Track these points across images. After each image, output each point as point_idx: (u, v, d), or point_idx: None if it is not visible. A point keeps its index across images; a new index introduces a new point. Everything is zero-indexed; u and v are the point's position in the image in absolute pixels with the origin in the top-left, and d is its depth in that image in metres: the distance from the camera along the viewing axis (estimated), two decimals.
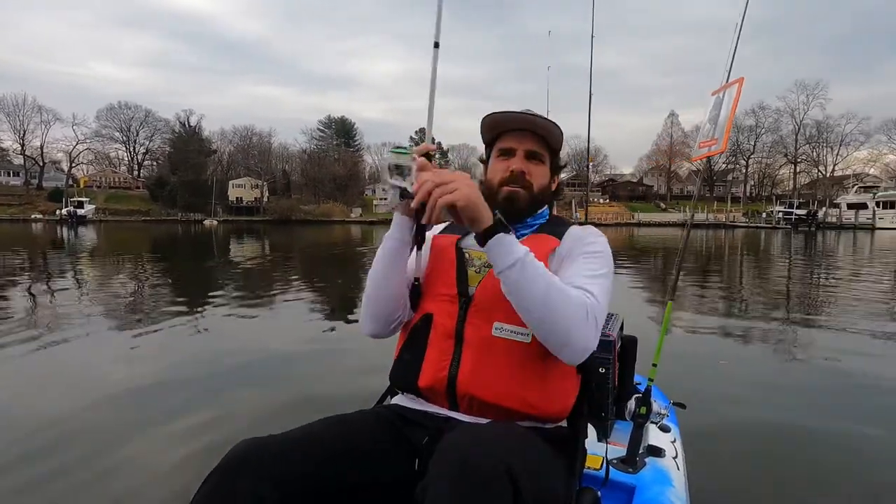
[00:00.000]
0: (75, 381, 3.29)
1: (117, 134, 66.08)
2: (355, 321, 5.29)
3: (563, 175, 1.34)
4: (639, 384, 1.59)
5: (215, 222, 48.75)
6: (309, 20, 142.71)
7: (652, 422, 1.54)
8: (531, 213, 1.16)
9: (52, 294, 6.91)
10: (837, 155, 59.76)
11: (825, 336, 4.76)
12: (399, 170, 0.98)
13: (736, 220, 47.73)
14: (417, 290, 1.12)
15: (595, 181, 65.34)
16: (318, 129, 72.77)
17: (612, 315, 1.47)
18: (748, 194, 62.84)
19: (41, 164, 61.10)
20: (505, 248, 0.93)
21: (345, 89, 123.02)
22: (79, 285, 7.92)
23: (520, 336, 1.01)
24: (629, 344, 1.40)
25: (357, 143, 74.47)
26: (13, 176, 60.40)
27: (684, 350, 4.08)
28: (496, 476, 0.75)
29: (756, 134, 61.62)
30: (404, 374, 1.08)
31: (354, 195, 66.33)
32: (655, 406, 1.52)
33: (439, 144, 72.78)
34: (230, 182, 63.00)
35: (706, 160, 1.67)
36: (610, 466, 1.38)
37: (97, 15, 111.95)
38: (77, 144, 61.79)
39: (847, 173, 59.80)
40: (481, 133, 1.21)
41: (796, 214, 42.37)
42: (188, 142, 59.83)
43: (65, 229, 32.19)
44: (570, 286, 0.98)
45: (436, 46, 1.13)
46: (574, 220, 1.19)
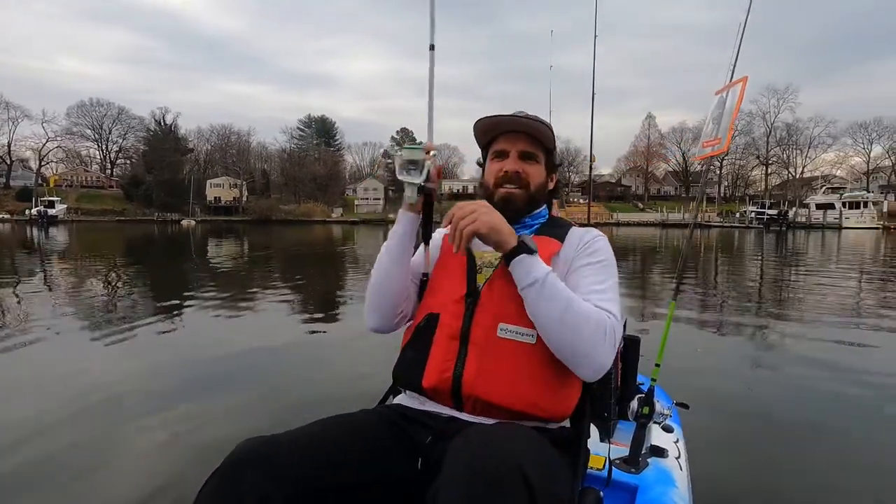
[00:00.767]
0: (45, 385, 3.21)
1: (89, 132, 64.16)
2: (338, 322, 5.32)
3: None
4: (641, 384, 1.59)
5: (193, 222, 47.80)
6: (286, 17, 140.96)
7: (655, 422, 1.52)
8: (529, 213, 1.18)
9: (21, 298, 6.69)
10: (806, 157, 61.75)
11: (822, 334, 4.79)
12: (413, 164, 1.02)
13: (711, 220, 48.95)
14: (425, 286, 1.15)
15: (575, 181, 66.14)
16: (298, 129, 72.06)
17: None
18: (722, 195, 64.41)
19: (8, 163, 58.96)
20: (525, 268, 0.97)
21: (324, 88, 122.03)
22: (50, 288, 7.68)
23: (525, 337, 1.01)
24: (632, 344, 1.41)
25: (338, 143, 73.94)
26: None
27: (684, 349, 4.08)
28: (511, 479, 0.74)
29: (732, 136, 63.19)
30: (408, 373, 1.08)
31: (335, 195, 65.81)
32: (658, 406, 1.51)
33: (420, 144, 72.73)
34: (208, 181, 61.85)
35: (709, 159, 1.83)
36: (613, 466, 1.37)
37: (66, 8, 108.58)
38: (47, 142, 59.85)
39: (816, 175, 61.78)
40: (476, 138, 1.24)
41: (768, 214, 43.75)
42: (164, 140, 58.46)
43: (35, 230, 31.18)
44: (588, 304, 1.00)
45: (431, 49, 1.15)
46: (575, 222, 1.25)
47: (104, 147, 67.00)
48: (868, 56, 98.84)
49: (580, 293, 1.02)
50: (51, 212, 44.98)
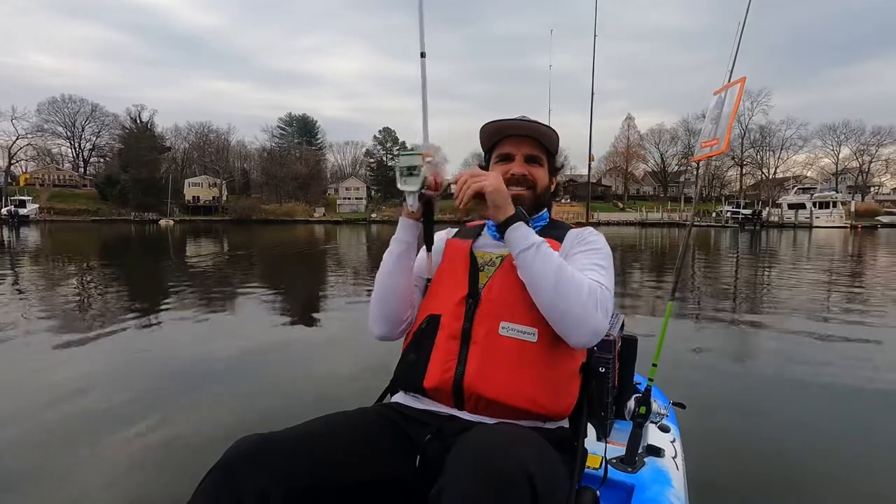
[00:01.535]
0: (13, 388, 3.11)
1: (61, 129, 62.53)
2: (317, 324, 5.19)
3: None
4: (638, 384, 1.59)
5: (171, 222, 46.93)
6: (265, 14, 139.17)
7: (651, 422, 1.53)
8: (533, 214, 1.20)
9: None
10: (779, 158, 63.64)
11: (818, 333, 4.83)
12: (412, 170, 1.02)
13: (688, 219, 49.98)
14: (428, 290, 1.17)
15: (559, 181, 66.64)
16: (279, 127, 71.29)
17: (614, 314, 1.46)
18: (700, 195, 65.91)
19: None
20: (522, 233, 1.01)
21: (305, 86, 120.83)
22: (20, 291, 7.33)
23: (526, 335, 1.02)
24: (629, 343, 1.41)
25: (319, 142, 73.32)
26: None
27: (682, 349, 4.10)
28: (516, 479, 0.75)
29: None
30: (410, 375, 1.08)
31: (317, 194, 65.26)
32: (655, 406, 1.51)
33: (403, 144, 72.64)
34: (186, 180, 60.73)
35: (708, 160, 1.77)
36: (609, 466, 1.38)
37: (37, 1, 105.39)
38: (17, 140, 57.99)
39: (788, 175, 63.72)
40: (480, 141, 1.25)
41: (743, 214, 44.95)
42: (140, 138, 57.19)
43: (5, 230, 30.18)
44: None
45: (422, 56, 1.15)
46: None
47: (77, 145, 65.35)
48: (836, 61, 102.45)
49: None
50: (22, 211, 43.73)
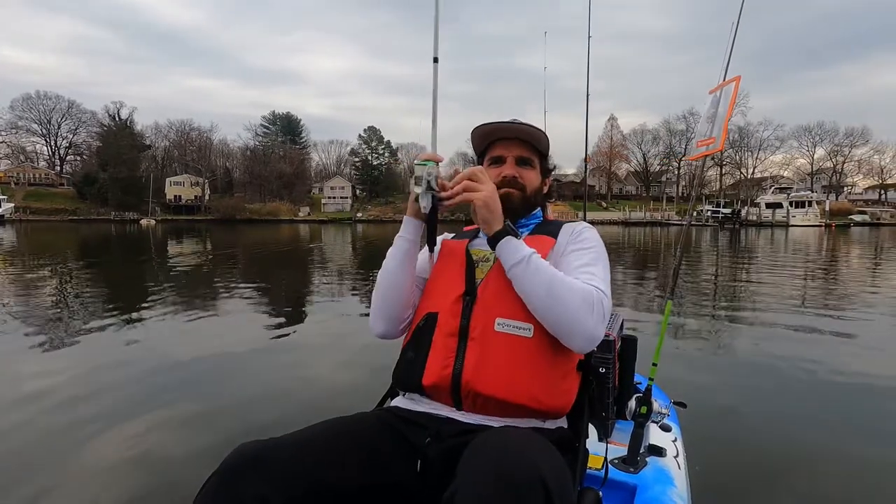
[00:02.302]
0: None
1: (35, 126, 60.94)
2: (298, 325, 5.13)
3: None
4: (639, 384, 1.59)
5: (153, 222, 46.12)
6: (247, 12, 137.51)
7: (653, 421, 1.52)
8: (525, 214, 1.23)
9: None
10: (757, 158, 65.18)
11: (817, 326, 4.94)
12: (430, 176, 1.06)
13: (670, 218, 50.93)
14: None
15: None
16: (262, 125, 70.50)
17: (613, 314, 1.46)
18: (680, 194, 67.07)
19: None
20: (512, 248, 1.02)
21: (288, 84, 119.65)
22: None
23: (522, 331, 1.02)
24: (629, 343, 1.41)
25: (303, 140, 72.68)
26: None
27: (682, 348, 4.10)
28: (531, 482, 0.74)
29: (687, 138, 65.85)
30: (408, 374, 1.08)
31: (301, 193, 64.73)
32: (656, 405, 1.51)
33: (388, 143, 72.49)
34: (167, 179, 59.73)
35: (703, 159, 1.79)
36: (611, 466, 1.38)
37: None
38: None
39: (765, 175, 65.31)
40: (472, 143, 1.28)
41: (722, 213, 45.96)
42: (119, 136, 55.96)
43: None
44: (574, 279, 1.03)
45: (435, 61, 1.15)
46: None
47: (53, 143, 63.76)
48: (811, 64, 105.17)
49: (567, 273, 1.06)
50: None
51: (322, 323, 5.28)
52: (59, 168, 64.04)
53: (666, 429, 1.65)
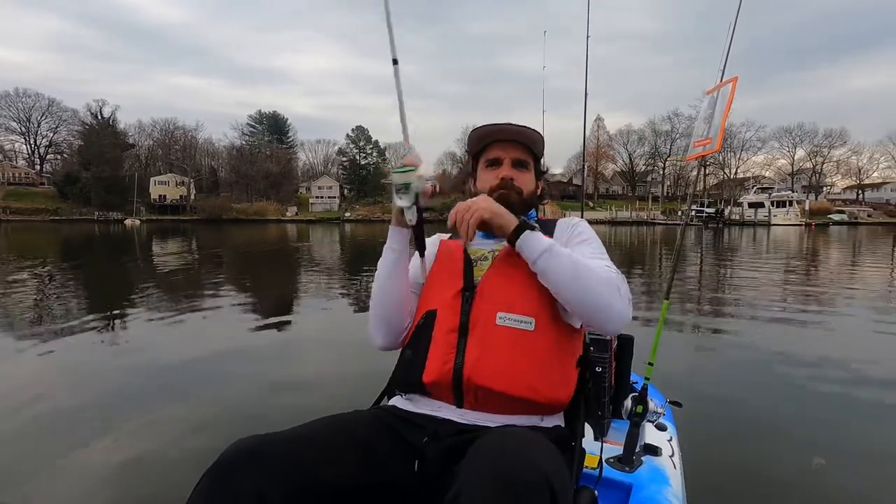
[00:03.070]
0: None
1: (14, 124, 59.64)
2: (289, 325, 5.12)
3: None
4: (635, 383, 1.60)
5: (138, 222, 45.53)
6: (232, 10, 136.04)
7: (648, 420, 1.53)
8: (522, 215, 1.21)
9: None
10: (739, 159, 66.32)
11: (803, 329, 4.95)
12: (406, 187, 1.06)
13: (655, 218, 51.66)
14: None
15: None
16: (249, 125, 69.78)
17: None
18: (665, 194, 68.02)
19: None
20: (534, 241, 1.03)
21: (275, 83, 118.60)
22: None
23: (523, 324, 1.03)
24: (625, 343, 1.41)
25: (290, 140, 72.15)
26: None
27: (678, 348, 4.12)
28: (536, 485, 0.74)
29: (672, 138, 66.92)
30: (408, 372, 1.08)
31: (289, 193, 64.26)
32: (652, 405, 1.51)
33: (376, 143, 72.26)
34: (152, 179, 58.85)
35: (700, 159, 1.76)
36: (607, 465, 1.39)
37: None
38: None
39: (748, 175, 66.51)
40: (468, 145, 1.30)
41: (706, 213, 46.73)
42: (102, 135, 55.01)
43: None
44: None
45: (395, 63, 1.13)
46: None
47: (32, 141, 62.45)
48: (792, 67, 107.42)
49: None
50: None
51: (312, 323, 5.25)
52: (39, 167, 62.76)
53: (661, 428, 1.65)
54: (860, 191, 66.51)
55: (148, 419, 2.67)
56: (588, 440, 1.17)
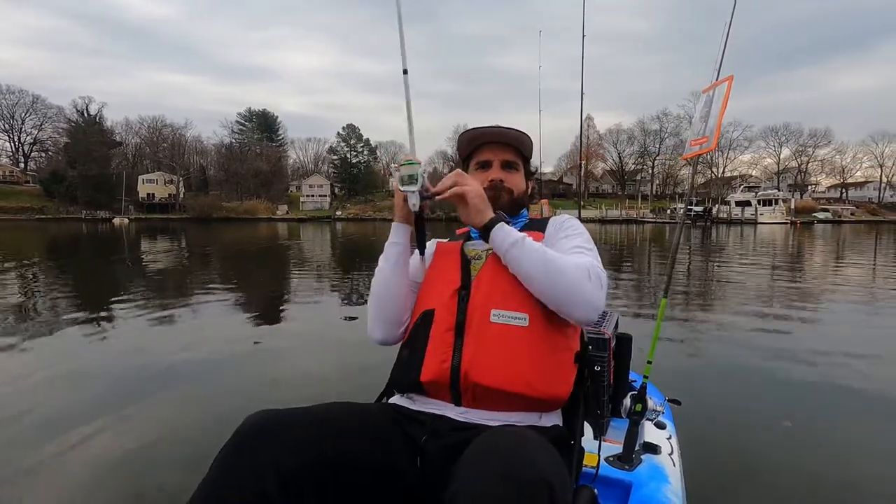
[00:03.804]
0: None
1: None
2: (284, 324, 5.06)
3: None
4: (634, 381, 1.60)
5: (126, 220, 44.94)
6: (221, 6, 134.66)
7: (647, 419, 1.52)
8: (512, 216, 1.26)
9: None
10: (727, 158, 67.13)
11: (797, 325, 4.98)
12: (412, 178, 1.10)
13: (645, 216, 52.19)
14: None
15: None
16: (238, 122, 69.26)
17: (607, 312, 1.50)
18: (654, 192, 68.73)
19: None
20: (505, 232, 1.06)
21: (264, 81, 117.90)
22: None
23: (517, 321, 1.04)
24: (624, 341, 1.43)
25: (280, 138, 71.74)
26: None
27: (677, 346, 4.14)
28: (535, 483, 0.74)
29: (660, 138, 67.61)
30: (406, 372, 1.09)
31: (279, 192, 63.91)
32: (651, 403, 1.51)
33: (367, 141, 72.11)
34: (140, 177, 58.25)
35: (696, 157, 1.75)
36: (606, 464, 1.39)
37: None
38: None
39: (735, 174, 67.44)
40: (458, 148, 1.32)
41: (694, 211, 47.32)
42: (89, 132, 54.33)
43: None
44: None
45: (405, 73, 1.16)
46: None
47: (16, 139, 61.51)
48: (778, 68, 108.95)
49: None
50: None
51: (307, 321, 5.19)
52: (24, 165, 61.80)
53: (660, 426, 1.65)
54: (844, 189, 67.84)
55: (142, 419, 2.65)
56: (587, 439, 1.19)
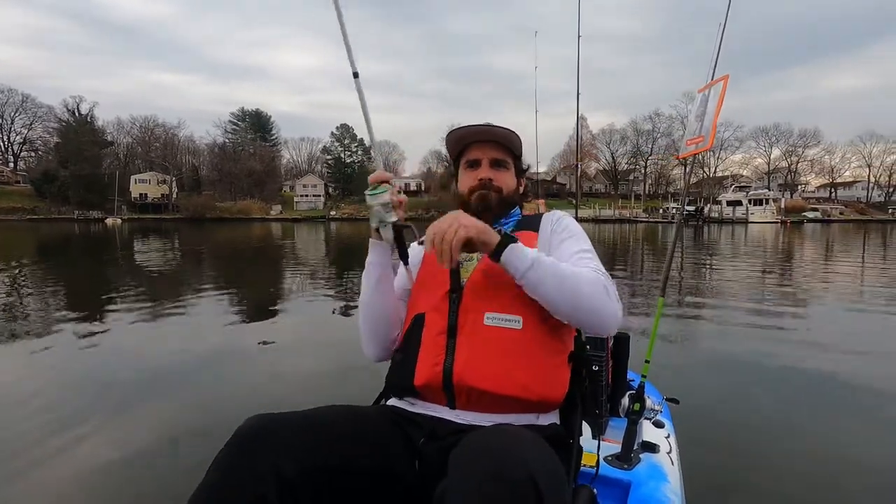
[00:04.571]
0: None
1: None
2: (280, 325, 5.00)
3: None
4: (632, 381, 1.60)
5: (119, 221, 44.63)
6: (212, 5, 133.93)
7: (646, 418, 1.52)
8: (503, 214, 1.25)
9: None
10: (718, 158, 67.82)
11: (795, 324, 5.02)
12: (384, 207, 1.07)
13: (638, 216, 52.61)
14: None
15: None
16: (231, 122, 68.98)
17: None
18: (647, 192, 69.25)
19: None
20: (519, 254, 1.00)
21: (256, 80, 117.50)
22: None
23: (511, 323, 1.03)
24: (622, 341, 1.43)
25: (274, 137, 71.49)
26: None
27: (674, 345, 4.16)
28: (521, 479, 0.74)
29: (653, 138, 68.19)
30: (399, 376, 1.09)
31: (273, 191, 63.72)
32: (649, 402, 1.51)
33: (361, 141, 71.99)
34: (132, 177, 57.91)
35: (692, 157, 1.76)
36: (605, 463, 1.39)
37: None
38: None
39: (726, 174, 68.14)
40: (447, 148, 1.30)
41: (687, 210, 47.77)
42: (80, 132, 53.87)
43: None
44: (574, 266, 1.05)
45: (355, 77, 1.14)
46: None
47: (6, 138, 60.91)
48: (767, 68, 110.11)
49: (563, 261, 1.09)
50: None
51: (304, 322, 5.16)
52: (14, 165, 61.20)
53: (659, 425, 1.66)
54: (833, 189, 68.75)
55: (135, 421, 2.64)
56: (586, 438, 1.19)
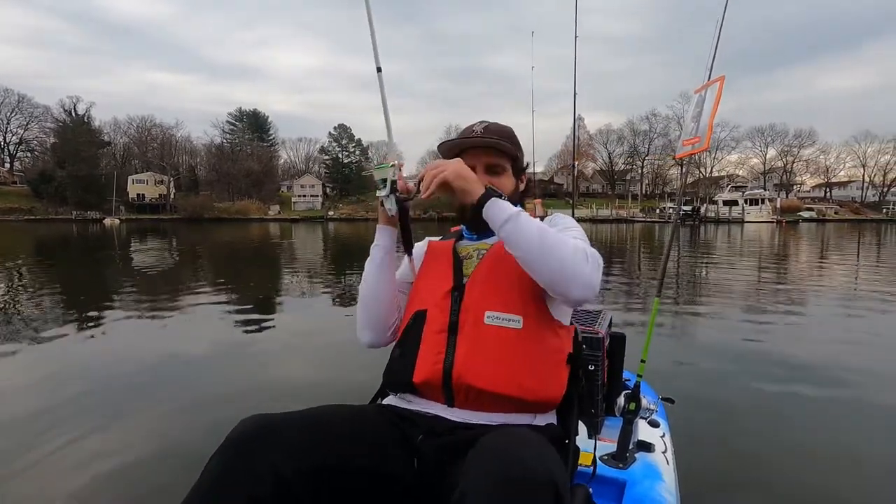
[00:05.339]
0: None
1: None
2: (278, 324, 5.05)
3: None
4: (628, 380, 1.61)
5: (117, 221, 44.59)
6: (210, 6, 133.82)
7: (641, 417, 1.53)
8: None
9: None
10: (714, 158, 68.15)
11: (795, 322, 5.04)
12: (383, 182, 1.09)
13: (634, 216, 52.86)
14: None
15: None
16: (229, 122, 68.92)
17: (601, 312, 1.54)
18: (644, 192, 69.56)
19: None
20: (499, 207, 1.01)
21: (254, 80, 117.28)
22: None
23: (511, 323, 1.04)
24: (617, 340, 1.44)
25: (271, 138, 71.48)
26: None
27: (670, 345, 4.18)
28: (543, 485, 0.74)
29: (650, 138, 68.50)
30: (399, 373, 1.09)
31: (271, 192, 63.73)
32: (644, 402, 1.51)
33: (359, 141, 72.13)
34: (130, 177, 57.79)
35: (689, 157, 1.79)
36: (600, 462, 1.39)
37: None
38: None
39: (722, 174, 68.52)
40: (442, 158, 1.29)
41: (683, 210, 48.08)
42: (77, 132, 53.79)
43: None
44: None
45: (378, 71, 1.16)
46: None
47: (2, 139, 60.77)
48: (762, 68, 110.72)
49: None
50: None
51: (301, 321, 5.17)
52: (10, 165, 61.07)
53: (654, 425, 1.67)
54: (828, 189, 69.18)
55: (131, 421, 2.64)
56: (582, 438, 1.19)
